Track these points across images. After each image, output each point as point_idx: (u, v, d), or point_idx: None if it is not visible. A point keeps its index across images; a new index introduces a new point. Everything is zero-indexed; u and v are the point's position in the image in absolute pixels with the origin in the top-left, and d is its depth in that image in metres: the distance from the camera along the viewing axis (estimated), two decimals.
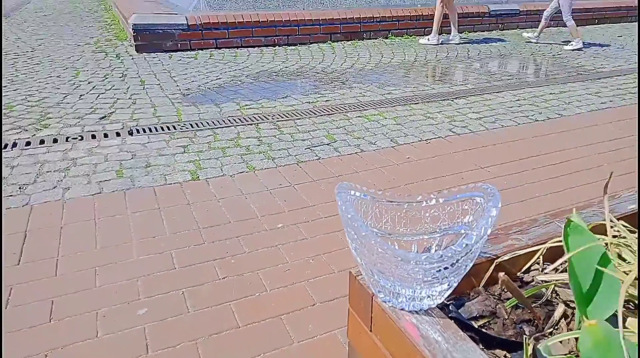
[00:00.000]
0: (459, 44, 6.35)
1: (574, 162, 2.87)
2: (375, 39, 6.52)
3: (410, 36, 6.70)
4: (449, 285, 0.66)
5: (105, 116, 3.46)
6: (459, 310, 0.75)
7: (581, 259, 0.60)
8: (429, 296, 0.66)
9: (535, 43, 6.54)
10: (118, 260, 1.90)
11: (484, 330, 0.72)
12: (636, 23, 8.47)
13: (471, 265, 0.66)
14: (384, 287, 0.67)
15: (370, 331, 0.75)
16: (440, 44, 6.30)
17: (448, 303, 0.75)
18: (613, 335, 0.50)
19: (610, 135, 3.29)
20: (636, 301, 0.67)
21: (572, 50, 6.12)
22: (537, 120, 3.58)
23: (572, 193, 2.50)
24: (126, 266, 1.87)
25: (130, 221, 2.16)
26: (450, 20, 6.37)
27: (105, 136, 3.13)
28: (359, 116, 3.58)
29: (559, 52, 6.04)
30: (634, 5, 8.50)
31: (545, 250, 0.83)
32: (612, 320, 0.63)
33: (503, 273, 0.68)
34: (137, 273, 1.83)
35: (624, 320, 0.57)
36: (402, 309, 0.68)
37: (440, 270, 0.62)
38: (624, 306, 0.57)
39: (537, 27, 6.59)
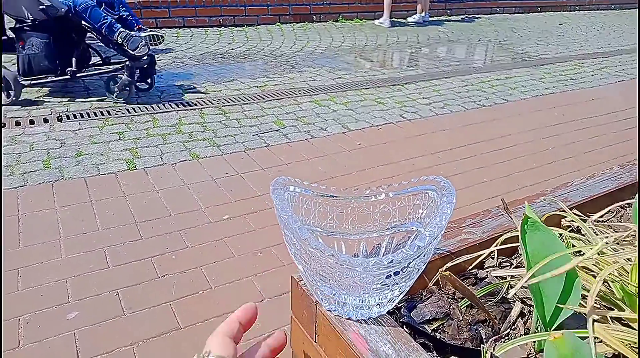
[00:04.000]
0: (389, 28, 6.30)
1: (520, 146, 2.91)
2: (326, 21, 6.40)
3: (361, 19, 6.64)
4: (400, 290, 0.59)
5: (31, 101, 3.17)
6: (411, 313, 0.69)
7: (543, 265, 0.54)
8: (378, 304, 0.59)
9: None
10: (44, 260, 1.75)
11: (437, 334, 0.66)
12: (575, 12, 8.84)
13: (424, 267, 0.59)
14: (327, 296, 0.59)
15: (315, 342, 0.67)
16: (390, 27, 6.28)
17: (399, 305, 0.69)
18: (582, 348, 0.44)
19: (554, 120, 3.38)
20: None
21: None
22: (485, 105, 3.63)
23: (519, 177, 2.54)
24: (53, 267, 1.72)
25: (59, 216, 1.99)
26: (385, 3, 6.28)
27: (31, 122, 2.87)
28: (309, 101, 3.49)
29: (505, 39, 6.18)
30: None
31: (499, 243, 0.78)
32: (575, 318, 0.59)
33: (444, 269, 0.61)
34: (65, 274, 1.69)
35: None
36: (349, 318, 0.61)
37: (390, 276, 0.54)
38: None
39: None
